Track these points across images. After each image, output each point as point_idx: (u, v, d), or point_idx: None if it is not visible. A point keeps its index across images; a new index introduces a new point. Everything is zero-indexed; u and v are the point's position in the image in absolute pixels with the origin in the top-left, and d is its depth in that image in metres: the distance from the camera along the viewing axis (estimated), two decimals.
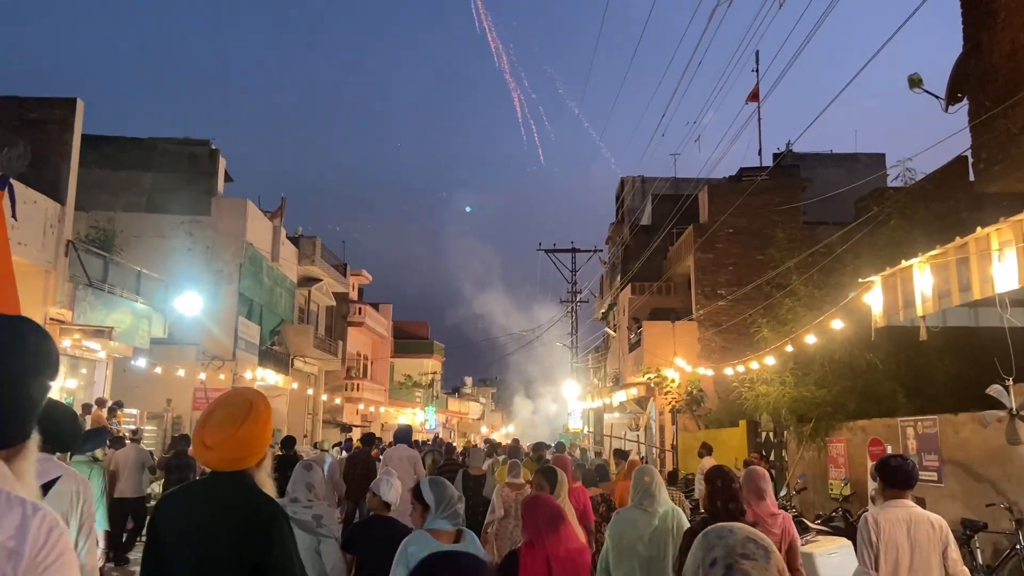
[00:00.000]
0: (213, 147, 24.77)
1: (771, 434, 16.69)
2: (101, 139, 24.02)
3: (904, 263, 7.23)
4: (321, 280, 33.36)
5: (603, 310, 34.93)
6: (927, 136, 13.39)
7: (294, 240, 30.82)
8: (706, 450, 14.58)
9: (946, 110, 7.57)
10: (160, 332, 19.03)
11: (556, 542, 4.14)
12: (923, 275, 7.15)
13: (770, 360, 12.99)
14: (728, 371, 15.68)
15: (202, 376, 20.73)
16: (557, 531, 4.18)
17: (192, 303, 18.92)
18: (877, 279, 7.76)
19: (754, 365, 13.79)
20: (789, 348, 12.68)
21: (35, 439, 1.49)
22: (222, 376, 22.30)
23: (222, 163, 25.13)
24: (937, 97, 7.43)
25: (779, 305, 13.97)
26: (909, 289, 7.40)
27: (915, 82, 7.51)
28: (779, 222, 22.80)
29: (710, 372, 17.99)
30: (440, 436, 37.00)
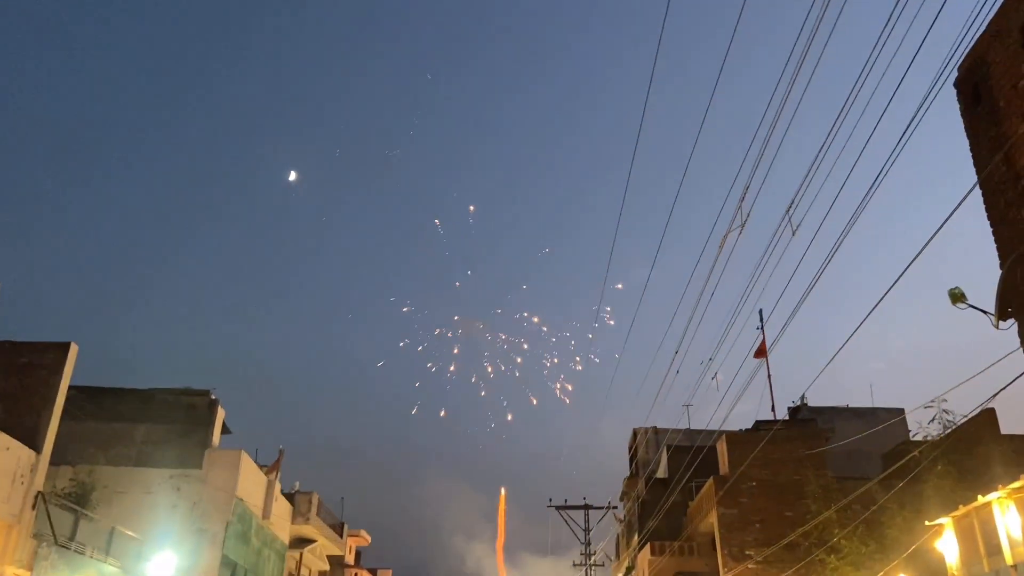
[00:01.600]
0: (213, 397, 24.16)
1: None
2: (99, 390, 23.57)
3: (981, 499, 6.09)
4: (315, 541, 31.04)
5: (621, 574, 32.01)
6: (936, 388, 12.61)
7: (289, 496, 29.10)
8: None
9: (996, 326, 6.92)
10: None
11: None
12: (1007, 513, 5.98)
13: None
14: None
15: None
16: None
17: (166, 565, 17.11)
18: (947, 520, 6.56)
19: None
20: None
21: None
22: None
23: (220, 414, 24.37)
24: (985, 312, 6.80)
25: (821, 567, 12.32)
26: (991, 530, 6.18)
27: (957, 297, 6.91)
28: (805, 474, 21.42)
29: None
30: None
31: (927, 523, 7.10)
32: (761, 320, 28.63)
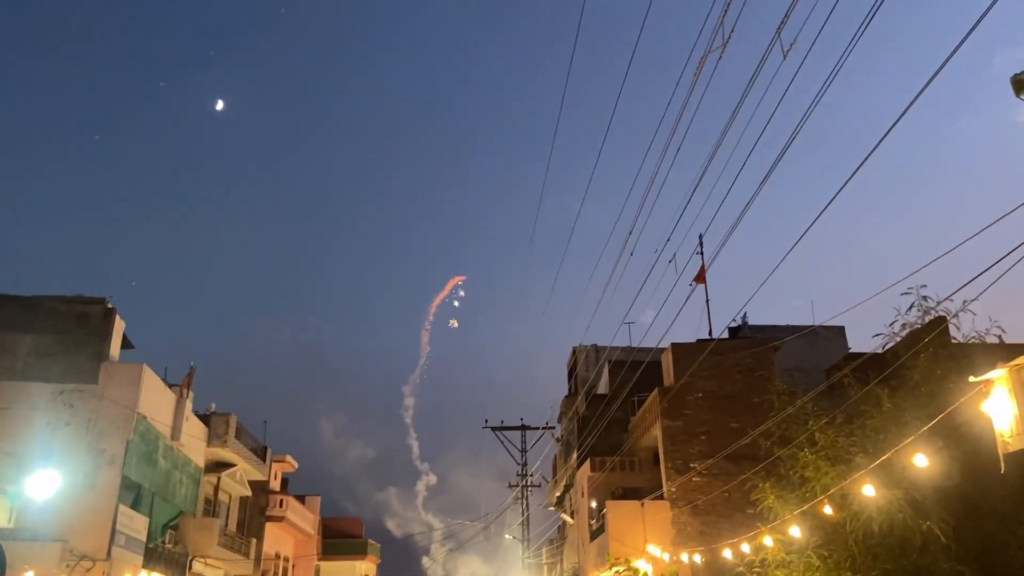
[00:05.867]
0: (109, 306, 21.62)
1: None
2: None
3: None
4: (235, 465, 29.07)
5: (558, 494, 31.12)
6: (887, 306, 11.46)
7: (204, 418, 26.94)
8: None
9: None
10: (3, 521, 14.87)
11: None
12: None
13: (795, 531, 9.82)
14: (727, 554, 12.32)
15: None
16: None
17: (45, 484, 14.89)
18: (1002, 372, 5.04)
19: (767, 541, 10.57)
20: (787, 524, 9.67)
21: None
22: None
23: (119, 325, 21.88)
24: None
25: (790, 462, 11.03)
26: None
27: (1022, 84, 5.31)
28: (754, 386, 20.43)
29: (697, 558, 14.51)
30: None
31: (972, 379, 5.62)
32: (701, 246, 27.31)
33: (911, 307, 11.05)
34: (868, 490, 7.60)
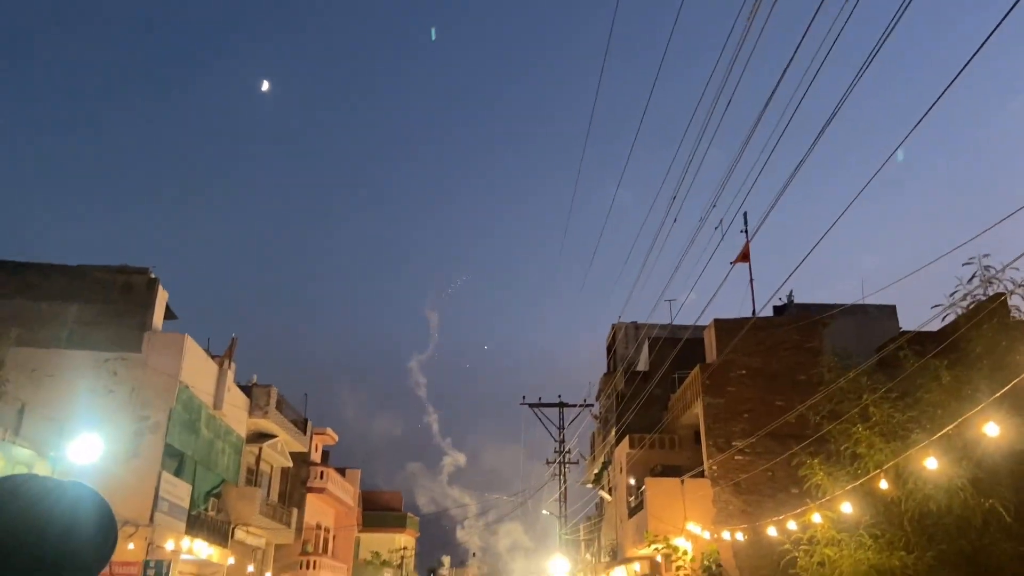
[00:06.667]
0: (152, 276, 21.83)
1: None
2: (22, 265, 21.16)
3: None
4: (276, 436, 29.38)
5: (596, 471, 30.89)
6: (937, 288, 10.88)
7: (246, 389, 27.21)
8: None
9: None
10: None
11: None
12: None
13: (846, 507, 9.41)
14: (771, 532, 11.94)
15: None
16: None
17: (88, 448, 15.09)
18: None
19: (815, 519, 10.17)
20: (841, 504, 9.24)
21: None
22: (132, 545, 18.10)
23: (162, 295, 22.10)
24: None
25: (841, 439, 10.58)
26: None
27: None
28: (800, 363, 19.85)
29: (740, 536, 14.14)
30: None
31: None
32: (745, 223, 26.55)
33: (972, 277, 10.46)
34: (931, 463, 7.18)
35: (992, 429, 6.59)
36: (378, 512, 49.28)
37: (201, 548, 21.64)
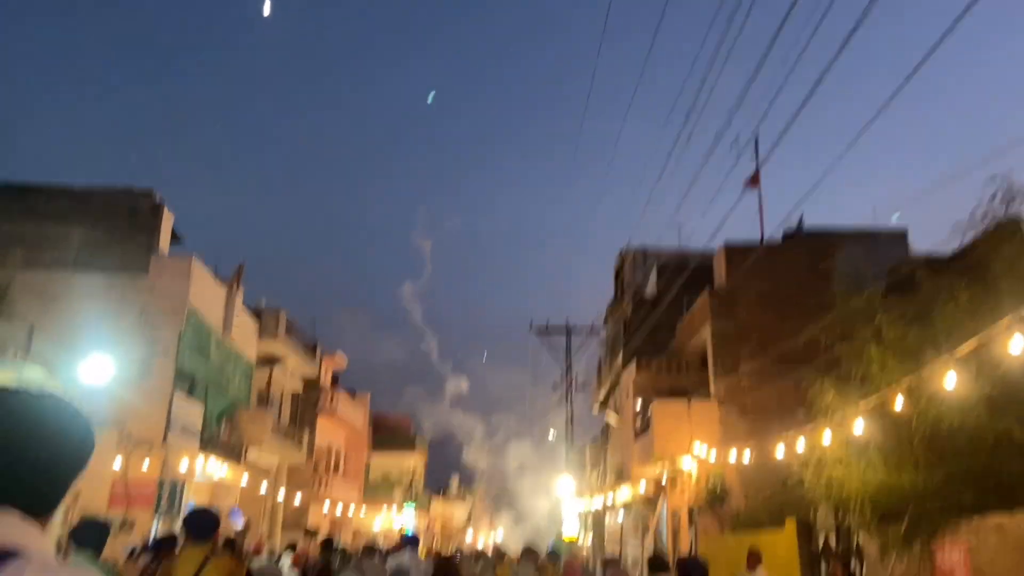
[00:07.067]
0: (157, 199, 21.61)
1: (829, 537, 12.91)
2: (25, 188, 20.96)
3: None
4: (285, 360, 29.65)
5: (602, 395, 31.17)
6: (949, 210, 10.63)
7: (255, 313, 27.29)
8: (756, 559, 10.81)
9: None
10: None
11: None
12: None
13: (859, 424, 9.37)
14: (779, 454, 11.99)
15: (118, 465, 16.88)
16: None
17: (99, 369, 15.19)
18: None
19: (825, 436, 10.16)
20: (855, 423, 9.16)
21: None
22: (146, 466, 18.41)
23: (168, 218, 21.92)
24: None
25: (853, 360, 10.49)
26: None
27: None
28: (811, 288, 19.65)
29: (747, 456, 14.24)
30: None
31: None
32: (756, 147, 25.92)
33: (995, 195, 10.14)
34: (950, 378, 7.06)
35: (1017, 344, 6.45)
36: (388, 435, 50.19)
37: (215, 467, 22.05)
